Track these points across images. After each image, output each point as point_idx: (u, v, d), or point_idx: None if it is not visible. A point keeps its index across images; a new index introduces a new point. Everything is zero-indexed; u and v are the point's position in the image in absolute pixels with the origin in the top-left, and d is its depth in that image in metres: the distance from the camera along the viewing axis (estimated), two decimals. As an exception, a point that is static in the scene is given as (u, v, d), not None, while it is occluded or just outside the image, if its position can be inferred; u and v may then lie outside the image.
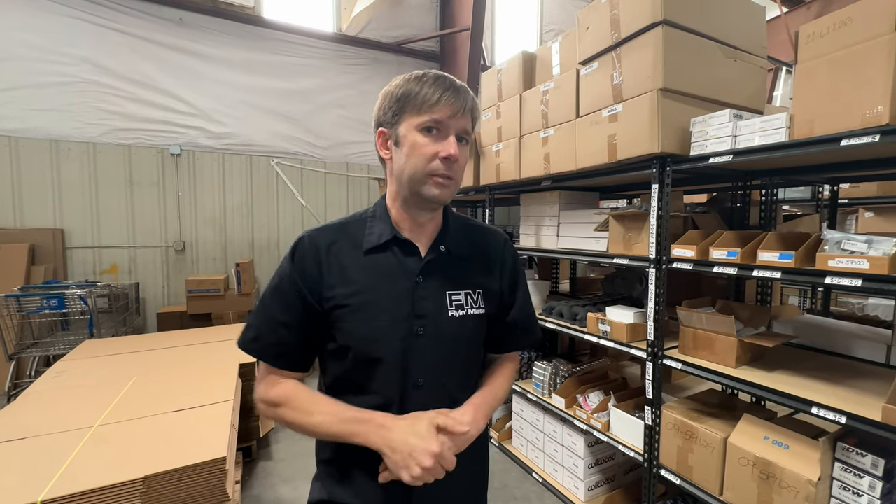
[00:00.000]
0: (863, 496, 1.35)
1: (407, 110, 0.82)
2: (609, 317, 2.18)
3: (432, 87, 0.80)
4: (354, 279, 0.84)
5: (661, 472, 1.93)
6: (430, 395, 0.84)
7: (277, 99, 5.31)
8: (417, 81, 0.82)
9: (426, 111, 0.80)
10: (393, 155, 0.85)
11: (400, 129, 0.83)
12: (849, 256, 1.31)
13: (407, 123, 0.82)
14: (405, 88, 0.82)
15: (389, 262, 0.86)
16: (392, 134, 0.84)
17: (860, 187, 3.61)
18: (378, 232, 0.87)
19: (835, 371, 1.69)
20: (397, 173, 0.85)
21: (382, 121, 0.86)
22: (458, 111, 0.81)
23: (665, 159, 1.82)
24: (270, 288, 0.87)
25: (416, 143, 0.80)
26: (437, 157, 0.80)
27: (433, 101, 0.79)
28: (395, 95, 0.83)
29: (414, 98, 0.81)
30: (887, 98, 1.20)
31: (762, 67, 2.05)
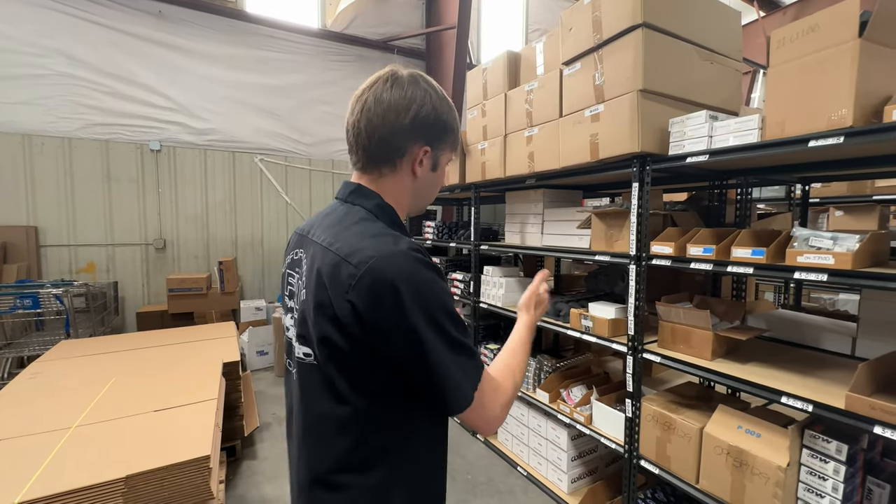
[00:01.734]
0: (828, 480, 1.42)
1: (448, 141, 0.85)
2: (591, 312, 2.23)
3: (459, 125, 0.88)
4: None
5: (640, 463, 1.98)
6: None
7: (261, 95, 5.24)
8: (455, 114, 0.86)
9: (456, 149, 0.89)
10: (424, 175, 0.83)
11: (440, 157, 0.85)
12: (816, 252, 1.38)
13: (446, 154, 0.86)
14: (453, 118, 0.85)
15: None
16: (433, 156, 0.83)
17: (831, 187, 3.76)
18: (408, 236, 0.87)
19: (804, 363, 1.77)
20: (419, 193, 0.87)
21: (432, 138, 0.81)
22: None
23: (645, 158, 1.87)
24: (450, 304, 0.73)
25: (442, 175, 0.88)
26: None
27: (458, 141, 0.89)
28: (447, 121, 0.83)
29: (456, 133, 0.86)
30: (851, 101, 1.26)
31: (738, 70, 2.12)
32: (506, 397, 0.79)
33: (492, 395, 0.76)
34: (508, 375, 0.83)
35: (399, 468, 0.77)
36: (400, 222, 0.83)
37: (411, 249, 0.71)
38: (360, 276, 0.67)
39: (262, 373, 4.64)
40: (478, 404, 0.73)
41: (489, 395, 0.76)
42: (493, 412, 0.76)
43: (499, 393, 0.78)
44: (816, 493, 1.45)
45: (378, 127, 0.77)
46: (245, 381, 3.30)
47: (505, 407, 0.79)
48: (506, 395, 0.79)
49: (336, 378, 0.72)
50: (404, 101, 0.76)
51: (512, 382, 0.82)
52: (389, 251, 0.69)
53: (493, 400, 0.76)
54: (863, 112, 1.27)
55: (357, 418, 0.73)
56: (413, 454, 0.78)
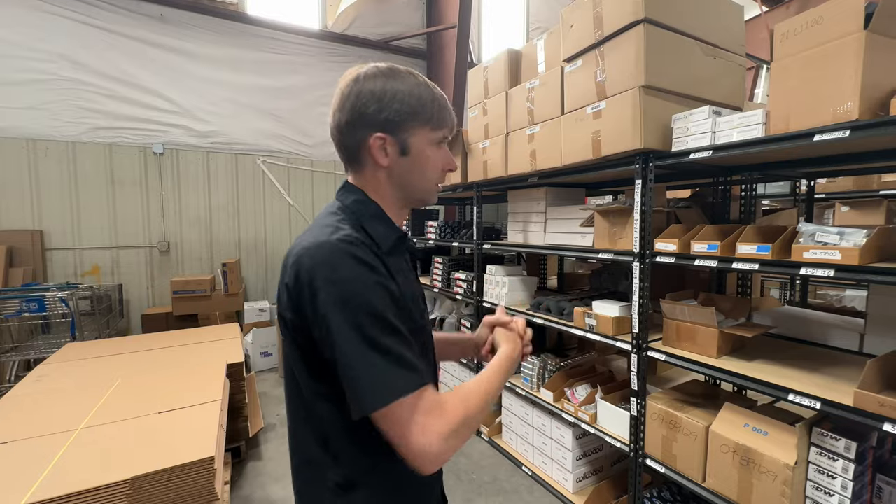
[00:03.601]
0: (837, 479, 1.40)
1: (421, 122, 0.78)
2: (595, 311, 2.22)
3: (443, 100, 0.81)
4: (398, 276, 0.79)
5: (646, 462, 1.97)
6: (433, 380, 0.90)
7: (263, 96, 5.25)
8: (428, 89, 0.79)
9: (444, 126, 0.81)
10: (394, 162, 0.79)
11: (410, 138, 0.78)
12: (822, 248, 1.36)
13: (420, 135, 0.78)
14: (418, 95, 0.77)
15: (401, 259, 0.86)
16: (397, 140, 0.78)
17: (837, 182, 3.72)
18: (385, 233, 0.80)
19: (812, 359, 1.75)
20: (402, 182, 0.81)
21: (383, 125, 0.76)
22: (455, 126, 0.84)
23: (648, 155, 1.86)
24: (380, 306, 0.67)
25: (430, 158, 0.81)
26: (442, 169, 0.84)
27: (447, 116, 0.81)
28: (406, 101, 0.76)
29: (431, 111, 0.78)
30: (857, 94, 1.24)
31: (741, 65, 2.10)
32: (448, 426, 0.66)
33: (424, 416, 0.65)
34: (459, 403, 0.70)
35: (356, 466, 0.75)
36: (383, 216, 0.81)
37: (342, 241, 0.69)
38: (290, 264, 0.71)
39: (267, 374, 4.66)
40: (396, 420, 0.64)
41: (421, 416, 0.65)
42: (425, 438, 0.64)
43: (437, 418, 0.66)
44: (825, 491, 1.43)
45: (333, 128, 0.81)
46: (249, 383, 3.31)
47: (445, 437, 0.65)
48: (448, 424, 0.66)
49: (295, 366, 0.76)
50: (343, 96, 0.78)
51: (463, 412, 0.69)
52: (318, 242, 0.70)
53: (425, 423, 0.65)
54: (869, 105, 1.26)
55: (316, 408, 0.75)
56: (371, 453, 0.74)
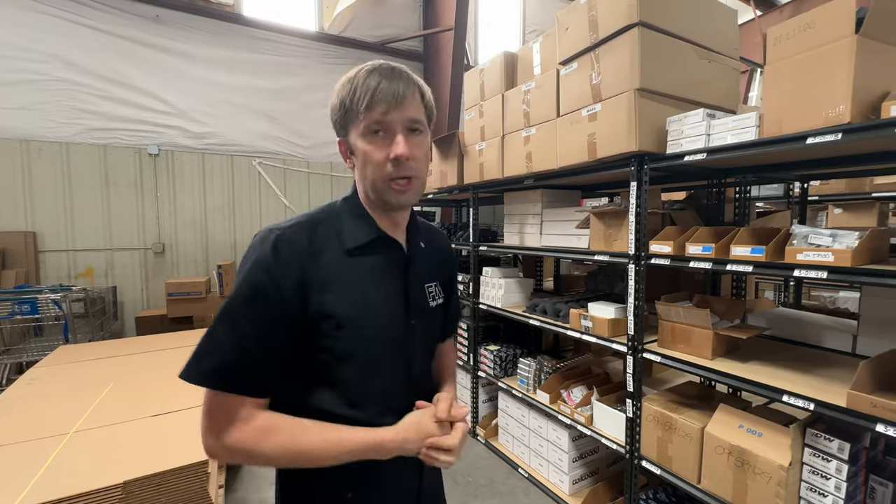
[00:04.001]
0: (830, 479, 1.41)
1: (349, 118, 0.77)
2: (591, 312, 2.22)
3: (363, 86, 0.74)
4: (346, 281, 0.77)
5: (642, 464, 1.97)
6: (419, 386, 0.88)
7: (259, 98, 5.24)
8: (350, 83, 0.76)
9: (363, 115, 0.75)
10: (354, 163, 0.81)
11: (350, 137, 0.79)
12: (815, 250, 1.37)
13: (353, 132, 0.78)
14: (341, 95, 0.77)
15: (377, 260, 0.82)
16: (347, 142, 0.80)
17: (830, 184, 3.75)
18: (360, 230, 0.81)
19: (805, 361, 1.76)
20: (360, 181, 0.82)
21: (337, 131, 0.81)
22: (393, 103, 0.74)
23: (643, 157, 1.87)
24: (240, 301, 0.70)
25: (366, 152, 0.76)
26: (388, 160, 0.75)
27: (367, 102, 0.74)
28: (334, 105, 0.79)
29: (350, 104, 0.75)
30: (848, 98, 1.26)
31: (735, 68, 2.12)
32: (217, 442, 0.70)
33: (204, 411, 0.71)
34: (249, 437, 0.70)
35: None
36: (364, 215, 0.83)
37: (269, 238, 0.74)
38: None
39: (262, 376, 4.62)
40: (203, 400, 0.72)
41: (204, 411, 0.71)
42: (203, 427, 0.72)
43: (208, 418, 0.71)
44: (819, 492, 1.44)
45: None
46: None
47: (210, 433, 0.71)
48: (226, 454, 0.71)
49: None
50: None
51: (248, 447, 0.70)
52: (269, 227, 0.78)
53: (204, 415, 0.71)
54: (860, 108, 1.27)
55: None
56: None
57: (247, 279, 0.71)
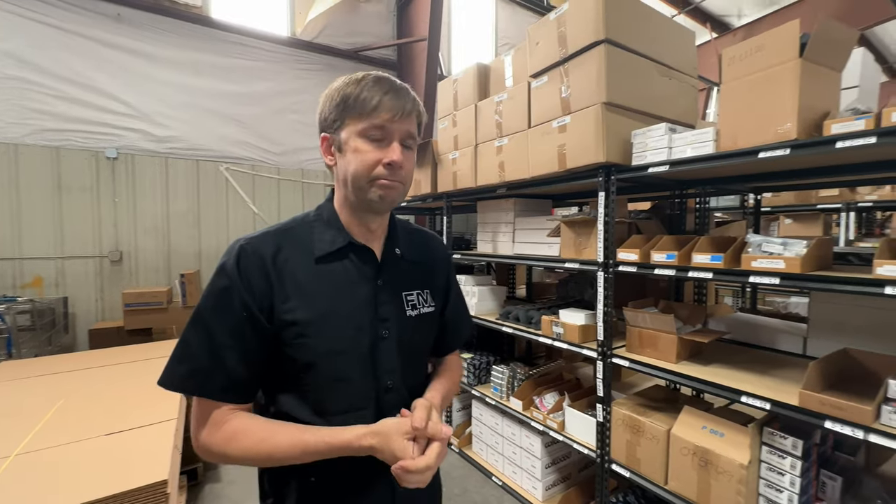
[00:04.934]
0: (785, 475, 1.48)
1: (348, 115, 0.78)
2: (562, 319, 2.27)
3: (372, 90, 0.77)
4: (310, 290, 0.78)
5: (612, 467, 2.01)
6: (398, 396, 0.85)
7: (228, 102, 5.10)
8: (357, 84, 0.78)
9: (367, 116, 0.77)
10: (337, 161, 0.82)
11: (342, 134, 0.79)
12: (768, 257, 1.46)
13: (349, 129, 0.79)
14: (345, 92, 0.79)
15: (346, 268, 0.82)
16: (334, 140, 0.81)
17: (780, 196, 4.01)
18: (330, 238, 0.82)
19: (761, 363, 1.85)
20: (342, 179, 0.82)
21: (324, 126, 0.82)
22: (398, 114, 0.78)
23: (610, 168, 1.94)
24: (207, 308, 0.75)
25: (359, 150, 0.77)
26: (380, 163, 0.77)
27: (374, 104, 0.76)
28: (334, 99, 0.80)
29: (354, 102, 0.77)
30: (795, 116, 1.35)
31: (693, 86, 2.24)
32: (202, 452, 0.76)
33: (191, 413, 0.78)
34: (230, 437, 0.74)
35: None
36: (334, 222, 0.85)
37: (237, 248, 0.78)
38: None
39: (228, 390, 4.43)
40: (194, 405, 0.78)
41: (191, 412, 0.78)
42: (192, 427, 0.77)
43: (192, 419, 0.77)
44: (776, 487, 1.51)
45: None
46: (208, 400, 3.14)
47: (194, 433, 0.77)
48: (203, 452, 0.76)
49: None
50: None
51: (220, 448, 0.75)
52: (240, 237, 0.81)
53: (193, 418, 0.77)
54: (805, 126, 1.37)
55: None
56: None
57: (212, 285, 0.77)
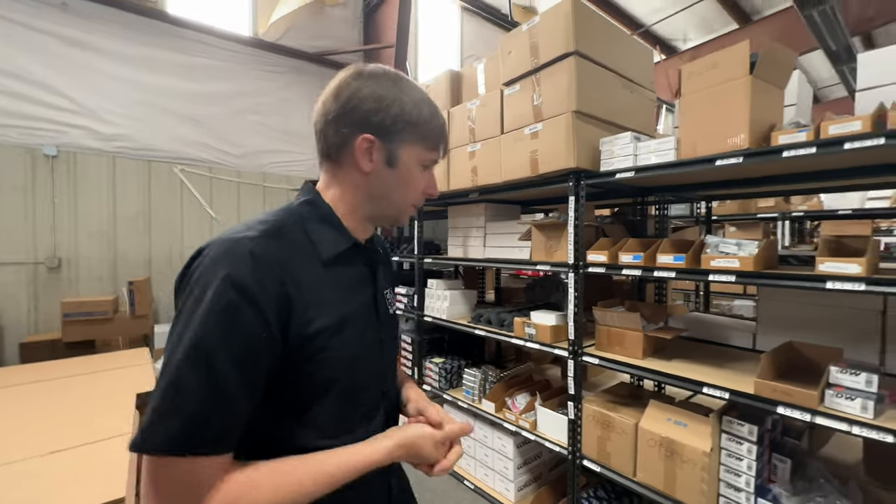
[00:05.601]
0: (743, 460, 1.59)
1: (416, 138, 0.75)
2: (534, 320, 2.32)
3: (441, 122, 0.79)
4: (324, 296, 0.69)
5: (583, 463, 2.07)
6: (391, 399, 0.85)
7: (185, 101, 4.86)
8: (431, 107, 0.77)
9: (436, 150, 0.79)
10: (376, 170, 0.74)
11: (401, 151, 0.74)
12: (724, 257, 1.57)
13: (411, 151, 0.75)
14: (420, 111, 0.74)
15: (352, 271, 0.77)
16: (386, 149, 0.73)
17: (726, 205, 4.34)
18: (332, 238, 0.74)
19: (717, 357, 1.98)
20: (377, 194, 0.76)
21: (377, 128, 0.72)
22: (446, 153, 0.84)
23: (580, 174, 2.03)
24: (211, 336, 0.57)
25: (416, 178, 0.78)
26: (424, 192, 0.80)
27: (443, 141, 0.79)
28: (407, 111, 0.73)
29: (429, 130, 0.76)
30: (746, 127, 1.48)
31: (651, 100, 2.39)
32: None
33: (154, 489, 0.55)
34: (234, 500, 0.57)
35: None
36: (334, 221, 0.75)
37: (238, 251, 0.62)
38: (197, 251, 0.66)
39: (181, 405, 4.15)
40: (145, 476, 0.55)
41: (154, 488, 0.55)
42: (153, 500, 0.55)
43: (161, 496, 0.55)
44: (734, 472, 1.61)
45: (319, 117, 0.75)
46: (161, 415, 2.92)
47: None
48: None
49: None
50: (340, 87, 0.72)
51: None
52: (223, 238, 0.65)
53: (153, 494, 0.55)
54: (755, 137, 1.50)
55: None
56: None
57: (213, 304, 0.57)
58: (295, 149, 5.90)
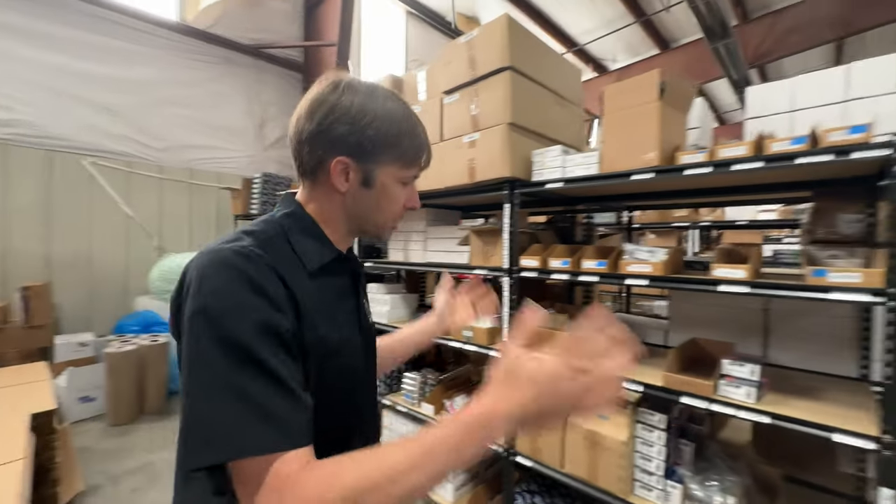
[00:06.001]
0: (654, 447, 1.76)
1: (394, 157, 0.75)
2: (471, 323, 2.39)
3: (420, 137, 0.78)
4: (317, 306, 0.68)
5: (517, 459, 2.16)
6: (374, 409, 0.86)
7: (99, 87, 4.41)
8: (408, 122, 0.76)
9: (415, 166, 0.79)
10: (353, 191, 0.74)
11: (377, 172, 0.74)
12: (639, 263, 1.74)
13: (388, 170, 0.75)
14: (395, 129, 0.73)
15: (336, 282, 0.78)
16: (362, 169, 0.73)
17: (647, 214, 4.75)
18: (317, 250, 0.73)
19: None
20: (357, 213, 0.77)
21: (352, 149, 0.71)
22: (428, 164, 0.83)
23: (514, 182, 2.13)
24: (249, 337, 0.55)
25: (394, 195, 0.78)
26: (405, 206, 0.81)
27: (421, 156, 0.79)
28: (381, 131, 0.71)
29: (406, 148, 0.75)
30: (657, 146, 1.65)
31: (581, 115, 2.57)
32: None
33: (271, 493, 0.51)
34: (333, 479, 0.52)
35: None
36: (316, 232, 0.75)
37: (235, 251, 0.61)
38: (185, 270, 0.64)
39: (89, 423, 3.73)
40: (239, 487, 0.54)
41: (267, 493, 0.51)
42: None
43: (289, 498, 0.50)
44: (646, 458, 1.78)
45: (293, 134, 0.74)
46: (62, 437, 2.62)
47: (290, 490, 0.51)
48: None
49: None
50: (315, 103, 0.71)
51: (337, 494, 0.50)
52: (212, 249, 0.63)
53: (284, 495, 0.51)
54: (663, 156, 1.68)
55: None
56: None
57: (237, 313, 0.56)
58: (228, 145, 5.57)
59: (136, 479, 2.88)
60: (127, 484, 2.82)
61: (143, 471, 2.99)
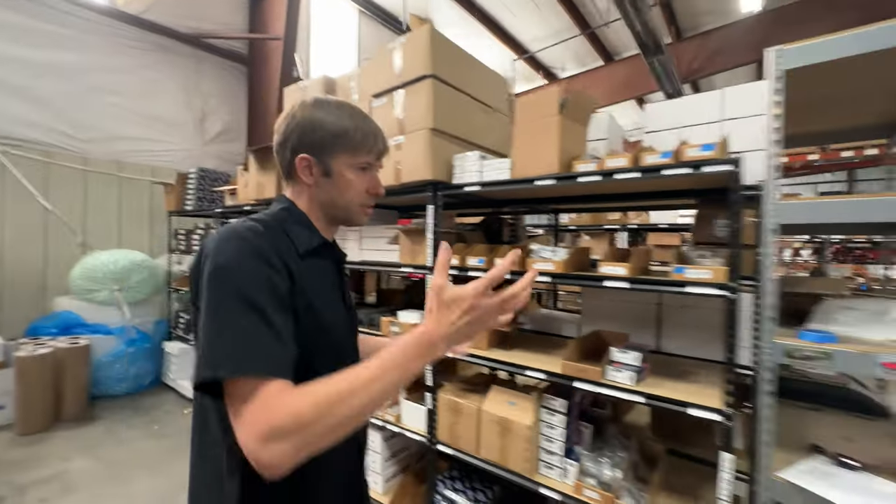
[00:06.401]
0: (556, 429, 1.93)
1: (343, 148, 0.89)
2: (400, 319, 2.48)
3: (373, 129, 0.92)
4: (308, 283, 0.83)
5: (439, 448, 2.27)
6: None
7: (13, 70, 4.09)
8: (352, 121, 0.89)
9: (364, 153, 0.91)
10: (318, 182, 0.90)
11: (332, 163, 0.89)
12: (543, 260, 1.90)
13: (341, 161, 0.90)
14: (341, 126, 0.88)
15: (323, 264, 0.92)
16: (320, 163, 0.89)
17: (582, 217, 5.04)
18: (307, 237, 0.89)
19: (549, 346, 2.34)
20: (325, 200, 0.92)
21: (311, 149, 0.88)
22: (385, 152, 0.96)
23: (437, 185, 2.23)
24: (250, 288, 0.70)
25: (352, 181, 0.91)
26: (366, 192, 0.93)
27: (369, 144, 0.91)
28: (329, 130, 0.88)
29: (352, 139, 0.89)
30: (557, 156, 1.82)
31: (506, 122, 2.72)
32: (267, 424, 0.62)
33: (253, 406, 0.64)
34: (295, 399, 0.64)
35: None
36: (308, 223, 0.91)
37: (246, 228, 0.78)
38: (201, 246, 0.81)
39: (-6, 433, 3.46)
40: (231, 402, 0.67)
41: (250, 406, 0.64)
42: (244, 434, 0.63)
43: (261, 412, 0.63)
44: (549, 439, 1.94)
45: (274, 146, 0.94)
46: (-41, 445, 2.43)
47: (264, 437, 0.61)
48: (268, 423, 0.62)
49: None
50: (285, 119, 0.90)
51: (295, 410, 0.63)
52: (227, 227, 0.80)
53: (250, 416, 0.63)
54: (562, 164, 1.84)
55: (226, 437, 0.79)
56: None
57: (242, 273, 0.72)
58: (164, 137, 5.32)
59: (47, 489, 2.72)
60: (35, 494, 2.66)
61: (56, 479, 2.83)
